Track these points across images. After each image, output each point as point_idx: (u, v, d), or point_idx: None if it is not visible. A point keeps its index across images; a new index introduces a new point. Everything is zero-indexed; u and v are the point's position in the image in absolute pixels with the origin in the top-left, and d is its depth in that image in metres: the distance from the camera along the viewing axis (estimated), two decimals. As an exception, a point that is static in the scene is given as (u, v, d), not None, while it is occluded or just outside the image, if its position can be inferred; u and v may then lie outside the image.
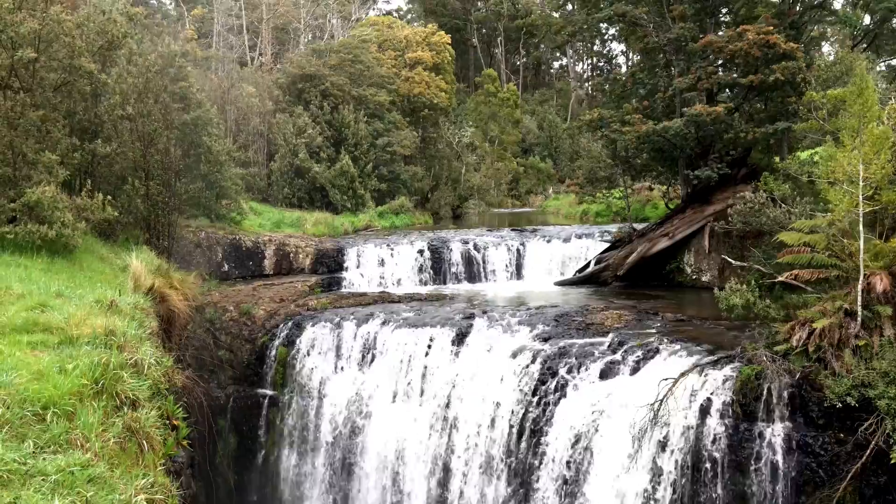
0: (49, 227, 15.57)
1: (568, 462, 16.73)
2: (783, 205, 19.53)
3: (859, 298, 14.48)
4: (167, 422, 9.53)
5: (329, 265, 29.27)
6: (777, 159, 23.16)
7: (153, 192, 23.32)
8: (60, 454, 7.04)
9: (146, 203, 22.95)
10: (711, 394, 15.28)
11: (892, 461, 12.24)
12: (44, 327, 10.27)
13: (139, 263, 15.52)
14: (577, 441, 16.71)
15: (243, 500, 23.21)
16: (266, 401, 23.48)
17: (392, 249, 29.30)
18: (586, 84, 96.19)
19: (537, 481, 17.16)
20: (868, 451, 13.07)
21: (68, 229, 15.81)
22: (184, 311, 16.22)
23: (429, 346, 20.70)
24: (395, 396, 20.77)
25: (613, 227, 29.93)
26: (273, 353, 23.73)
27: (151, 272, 15.72)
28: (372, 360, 21.75)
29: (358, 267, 28.92)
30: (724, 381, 15.29)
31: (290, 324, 24.07)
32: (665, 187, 30.88)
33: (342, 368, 22.25)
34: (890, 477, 12.98)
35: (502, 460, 18.07)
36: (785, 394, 14.46)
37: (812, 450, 13.96)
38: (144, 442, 8.12)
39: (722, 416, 14.94)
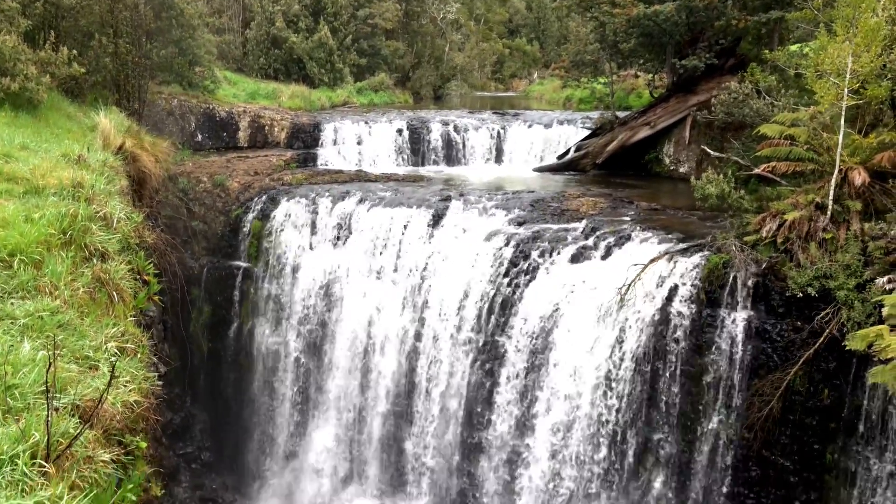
0: (11, 80, 14.86)
1: (534, 341, 17.24)
2: (767, 97, 19.31)
3: (831, 192, 14.62)
4: (138, 277, 9.51)
5: (305, 140, 28.71)
6: (766, 51, 22.69)
7: (122, 51, 22.25)
8: (29, 300, 7.01)
9: (115, 62, 21.95)
10: (678, 280, 15.62)
11: (846, 348, 12.74)
12: (8, 177, 9.98)
13: (108, 122, 14.98)
14: (544, 321, 17.16)
15: (217, 368, 23.78)
16: (240, 273, 23.59)
17: (370, 127, 28.73)
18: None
19: (504, 358, 17.73)
20: (822, 339, 13.60)
21: (32, 83, 15.10)
22: (156, 173, 15.84)
23: (404, 227, 20.72)
24: (368, 274, 20.96)
25: (596, 115, 29.53)
26: (247, 226, 23.62)
27: (121, 132, 15.24)
28: (347, 238, 21.78)
29: (335, 144, 28.40)
30: (692, 269, 15.60)
31: (264, 197, 23.84)
32: (651, 76, 30.30)
33: (317, 244, 22.28)
34: (838, 363, 13.58)
35: (471, 338, 18.55)
36: (749, 283, 14.82)
37: (769, 336, 14.48)
38: (114, 293, 8.11)
39: (687, 302, 15.34)
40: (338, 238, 21.90)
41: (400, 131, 28.58)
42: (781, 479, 14.31)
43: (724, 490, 14.98)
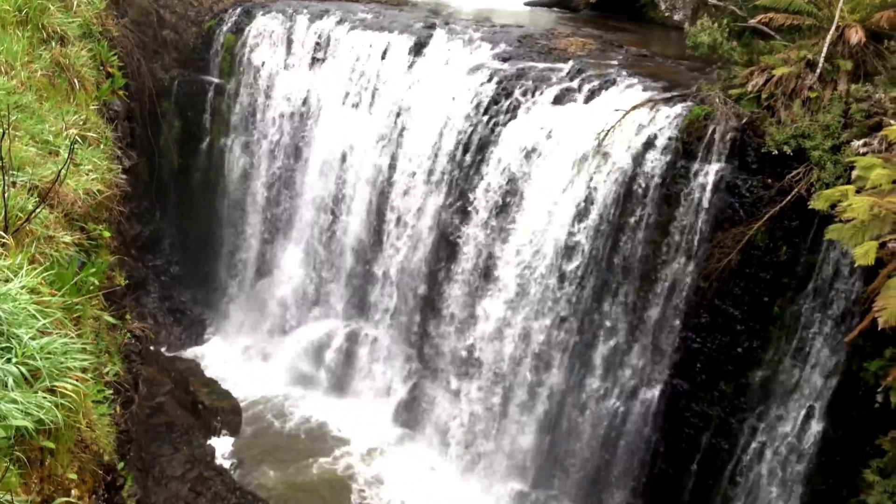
0: None
1: (508, 179, 17.25)
2: (778, -57, 18.25)
3: (824, 50, 14.26)
4: (101, 68, 9.04)
5: (285, -50, 26.75)
6: None
7: None
8: (-18, 77, 6.65)
9: None
10: (658, 129, 15.48)
11: (810, 207, 12.98)
12: (-46, -51, 9.15)
13: None
14: (519, 161, 17.09)
15: (186, 182, 23.57)
16: (212, 88, 22.80)
17: (355, -58, 26.75)
18: None
19: (474, 194, 17.80)
20: (789, 197, 13.79)
21: None
22: (119, -36, 14.70)
23: (384, 52, 19.93)
24: (345, 101, 20.39)
25: (595, -50, 27.81)
26: (220, 39, 22.52)
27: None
28: (324, 60, 20.94)
29: (316, -43, 26.54)
30: (673, 118, 15.42)
31: (239, 10, 22.57)
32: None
33: (292, 65, 21.43)
34: (801, 222, 13.87)
35: (445, 173, 18.48)
36: (728, 136, 14.75)
37: (739, 191, 14.63)
38: (75, 80, 7.70)
39: (663, 152, 15.30)
40: (314, 59, 21.05)
41: (386, -51, 26.69)
42: (728, 327, 15.04)
43: (674, 333, 15.75)
